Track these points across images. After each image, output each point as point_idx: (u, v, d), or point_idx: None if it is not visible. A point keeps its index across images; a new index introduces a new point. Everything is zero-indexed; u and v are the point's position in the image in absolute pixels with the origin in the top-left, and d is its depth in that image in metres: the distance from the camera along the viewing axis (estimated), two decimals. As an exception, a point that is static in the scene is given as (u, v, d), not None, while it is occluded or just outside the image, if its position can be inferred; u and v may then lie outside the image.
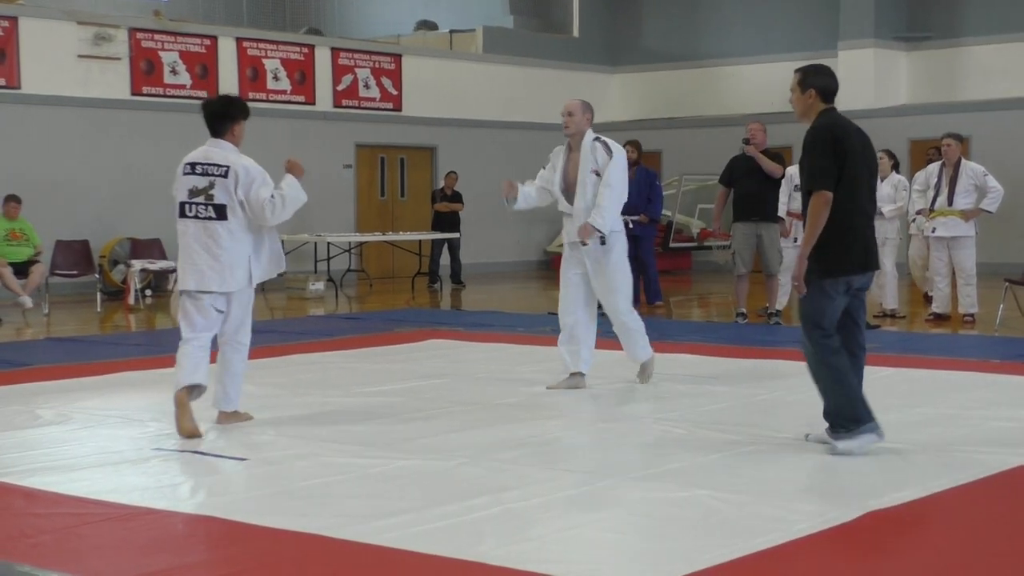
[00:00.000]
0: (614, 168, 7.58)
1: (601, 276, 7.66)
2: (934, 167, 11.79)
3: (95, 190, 16.07)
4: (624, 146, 13.59)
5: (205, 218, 6.35)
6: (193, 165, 6.43)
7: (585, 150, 7.63)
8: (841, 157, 5.68)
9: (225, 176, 6.33)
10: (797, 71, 5.93)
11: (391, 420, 6.75)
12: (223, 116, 6.47)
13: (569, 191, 7.71)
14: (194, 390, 6.38)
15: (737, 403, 7.23)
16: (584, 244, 7.58)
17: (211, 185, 6.34)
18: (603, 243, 7.59)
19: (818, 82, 5.85)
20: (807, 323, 5.77)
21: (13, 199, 13.55)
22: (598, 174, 7.58)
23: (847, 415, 5.69)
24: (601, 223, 7.54)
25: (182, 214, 6.42)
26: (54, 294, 14.11)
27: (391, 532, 4.43)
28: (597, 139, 7.68)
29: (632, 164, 13.60)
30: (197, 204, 6.36)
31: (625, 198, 7.71)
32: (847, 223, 5.71)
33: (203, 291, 6.37)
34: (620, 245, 7.72)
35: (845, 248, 5.71)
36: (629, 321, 7.76)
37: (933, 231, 11.62)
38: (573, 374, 7.75)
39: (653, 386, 7.83)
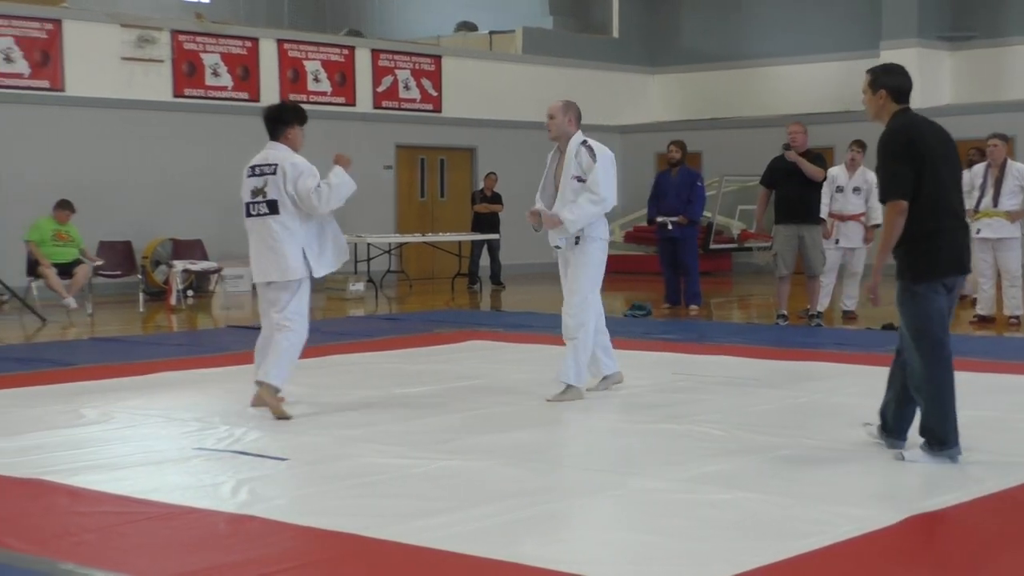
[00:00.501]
0: (598, 174, 7.21)
1: (570, 272, 7.45)
2: (979, 167, 11.68)
3: (137, 191, 16.20)
4: (668, 146, 13.80)
5: (263, 215, 6.90)
6: (253, 168, 7.02)
7: (570, 155, 7.30)
8: (918, 160, 5.44)
9: (275, 173, 6.88)
10: (868, 71, 5.71)
11: (431, 420, 6.76)
12: (276, 120, 7.05)
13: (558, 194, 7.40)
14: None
15: (778, 405, 7.18)
16: (536, 230, 7.53)
17: (265, 184, 6.89)
18: (576, 242, 7.35)
19: (889, 81, 5.63)
20: (914, 334, 5.49)
21: (68, 206, 13.62)
22: (580, 180, 7.26)
23: (937, 435, 5.51)
24: (570, 219, 7.21)
25: (248, 214, 7.01)
26: (97, 294, 14.23)
27: (430, 532, 4.44)
28: (583, 143, 7.32)
29: (675, 164, 13.65)
30: (257, 203, 6.93)
31: (611, 204, 7.30)
32: (936, 225, 5.47)
33: (265, 282, 6.99)
34: (597, 250, 7.37)
35: (931, 251, 5.47)
36: (571, 329, 7.30)
37: (978, 232, 11.50)
38: (604, 378, 7.69)
39: (694, 388, 7.79)
